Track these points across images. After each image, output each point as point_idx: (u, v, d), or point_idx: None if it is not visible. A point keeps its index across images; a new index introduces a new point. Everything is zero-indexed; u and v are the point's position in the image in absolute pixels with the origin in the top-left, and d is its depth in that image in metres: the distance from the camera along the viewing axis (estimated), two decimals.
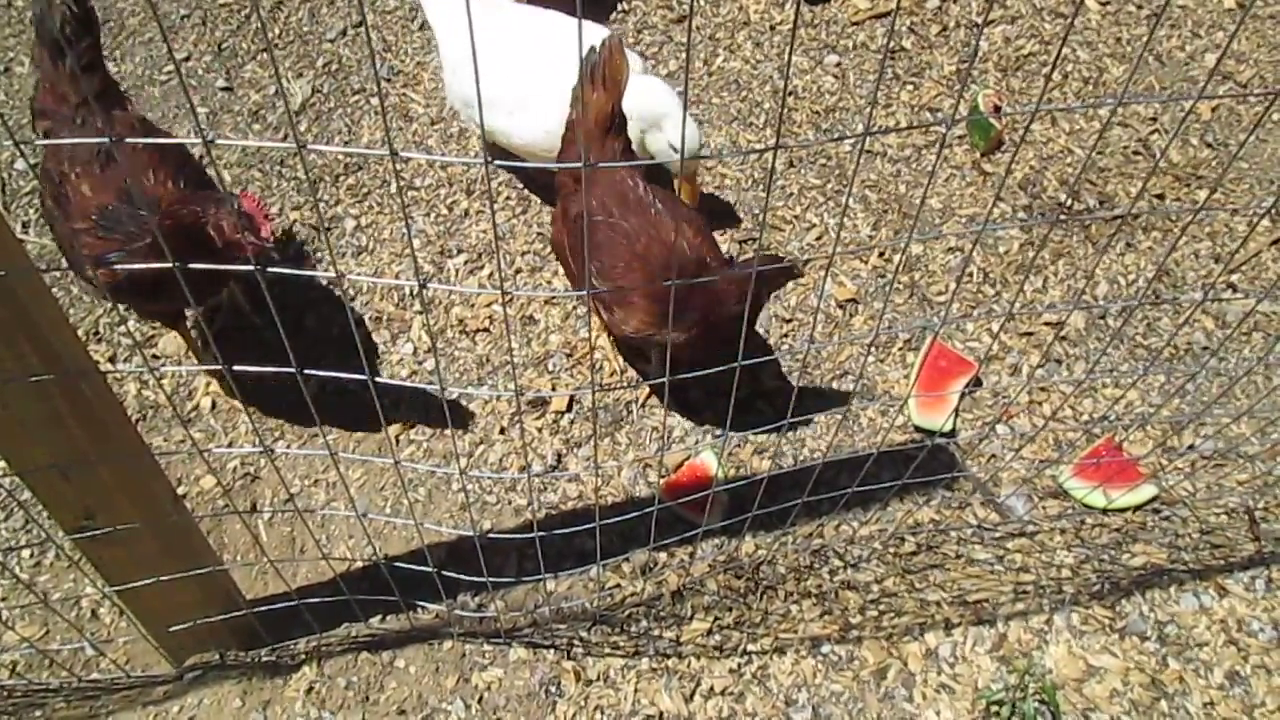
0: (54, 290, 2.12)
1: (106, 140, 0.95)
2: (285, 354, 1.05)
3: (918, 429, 2.04)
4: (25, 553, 1.91)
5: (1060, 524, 1.92)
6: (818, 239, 2.30)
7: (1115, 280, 2.24)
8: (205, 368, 1.66)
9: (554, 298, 2.19)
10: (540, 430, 2.02)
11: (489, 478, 1.95)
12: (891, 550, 1.90)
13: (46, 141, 1.45)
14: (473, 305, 2.18)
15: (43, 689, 1.77)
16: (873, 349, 2.14)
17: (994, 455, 2.01)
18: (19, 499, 1.71)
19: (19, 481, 1.37)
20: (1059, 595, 1.84)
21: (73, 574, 1.89)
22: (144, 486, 1.47)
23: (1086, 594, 1.84)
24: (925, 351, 2.10)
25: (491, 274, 2.23)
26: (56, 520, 1.45)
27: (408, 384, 1.06)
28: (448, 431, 2.02)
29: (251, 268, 1.01)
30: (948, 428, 2.01)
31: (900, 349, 2.15)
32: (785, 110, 2.54)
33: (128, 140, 1.72)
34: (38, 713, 1.74)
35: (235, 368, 1.05)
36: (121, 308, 1.88)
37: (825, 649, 1.79)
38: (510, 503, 1.94)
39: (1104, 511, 1.93)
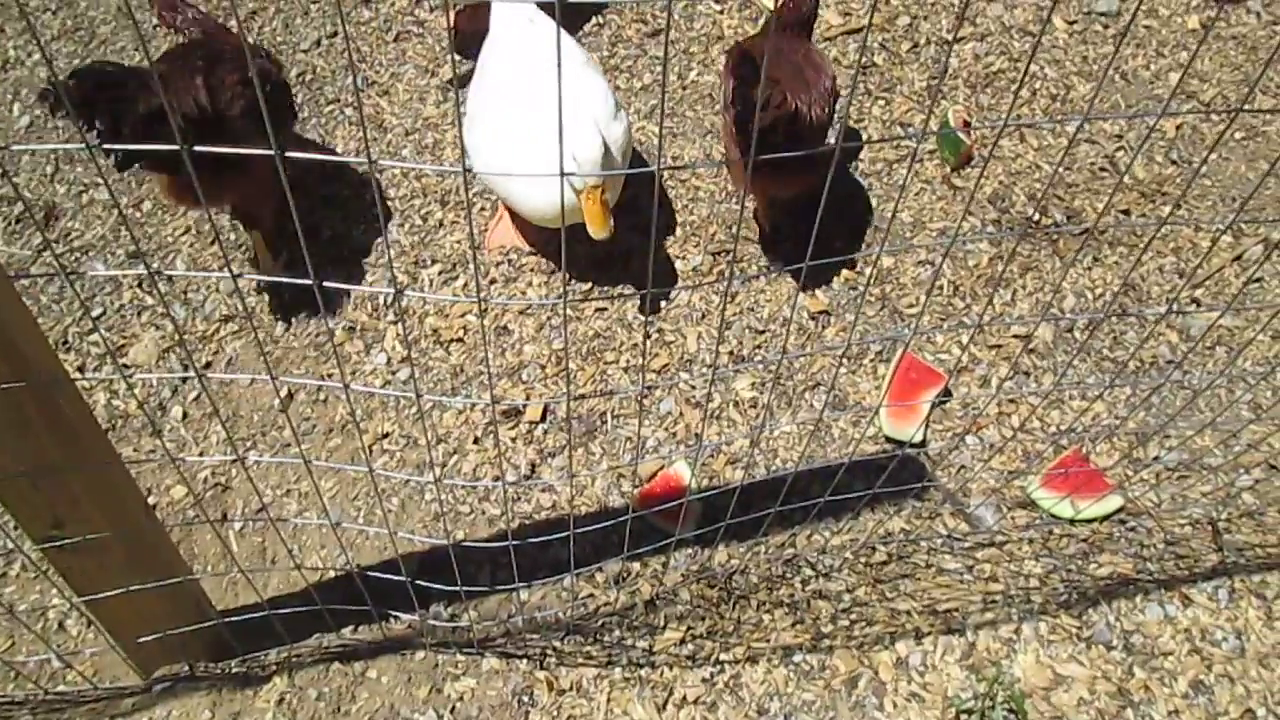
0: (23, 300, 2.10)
1: None
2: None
3: (889, 439, 2.06)
4: None
5: (1029, 534, 1.95)
6: (793, 249, 2.32)
7: (1082, 294, 2.28)
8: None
9: (529, 308, 2.19)
10: (514, 440, 2.02)
11: (464, 485, 1.95)
12: (863, 560, 1.91)
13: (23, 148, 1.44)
14: (447, 315, 2.18)
15: (8, 702, 1.75)
16: (844, 360, 2.16)
17: (963, 466, 2.03)
18: None
19: None
20: (1027, 605, 1.86)
21: (39, 585, 1.87)
22: (114, 496, 1.46)
23: (1054, 603, 1.87)
24: (896, 363, 2.12)
25: (466, 284, 2.23)
26: (25, 530, 1.43)
27: (384, 391, 1.06)
28: (421, 441, 2.02)
29: (228, 274, 1.01)
30: (918, 438, 2.04)
31: (871, 360, 2.18)
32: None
33: None
34: None
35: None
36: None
37: (797, 658, 1.80)
38: (484, 512, 1.94)
39: (1071, 522, 1.96)
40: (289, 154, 0.90)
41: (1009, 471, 2.02)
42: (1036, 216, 2.40)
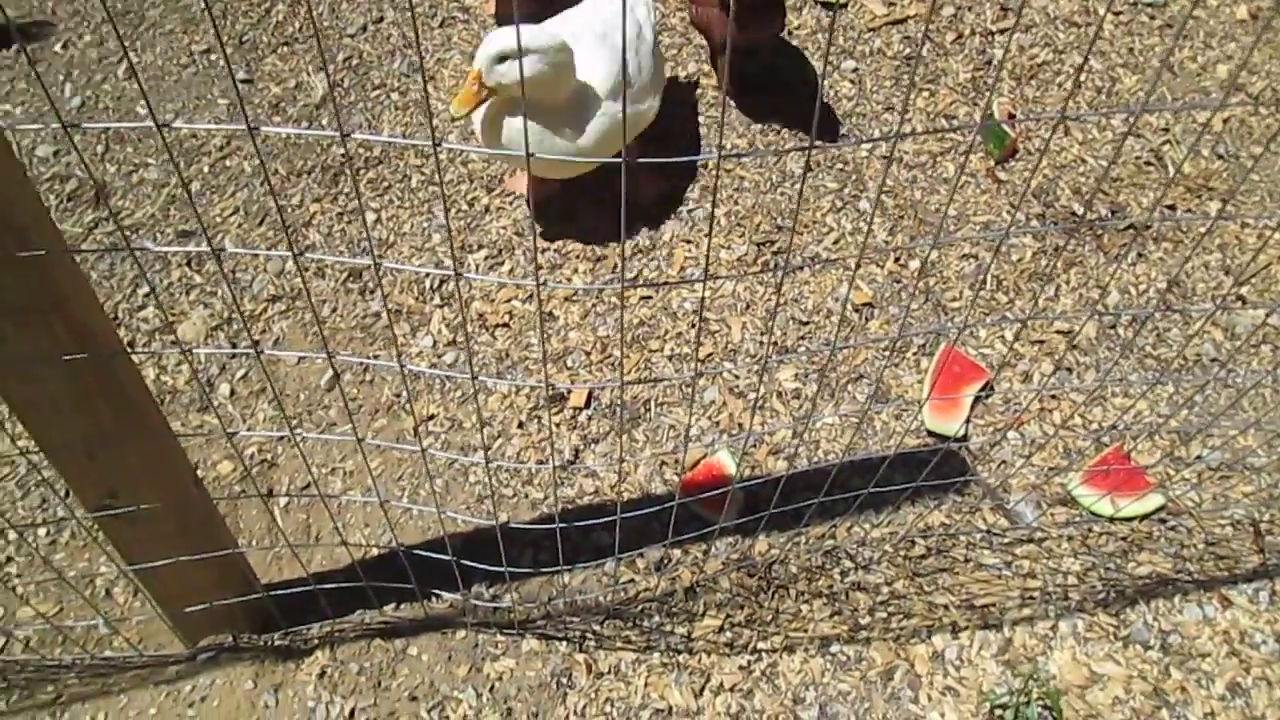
0: None
1: None
2: None
3: (930, 433, 2.06)
4: (41, 531, 1.92)
5: (1068, 531, 1.94)
6: (835, 243, 2.32)
7: (1126, 290, 2.26)
8: None
9: (575, 294, 2.21)
10: (558, 426, 2.04)
11: (513, 467, 1.97)
12: (902, 553, 1.91)
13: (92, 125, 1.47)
14: (492, 300, 2.20)
15: (56, 665, 1.79)
16: (887, 353, 2.15)
17: (1004, 461, 2.03)
18: (44, 475, 1.73)
19: (31, 461, 1.38)
20: (1065, 602, 1.86)
21: (88, 553, 1.90)
22: (167, 468, 1.49)
23: (1092, 601, 1.86)
24: (939, 357, 2.12)
25: (512, 269, 2.25)
26: (79, 498, 1.46)
27: (438, 372, 1.08)
28: (465, 425, 2.04)
29: (289, 253, 1.02)
30: (960, 433, 2.03)
31: (914, 354, 2.17)
32: (804, 115, 2.57)
33: None
34: (50, 688, 1.76)
35: None
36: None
37: (834, 649, 1.80)
38: (527, 496, 1.96)
39: (1111, 520, 1.95)
40: (356, 135, 0.92)
41: (1049, 468, 2.01)
42: (1081, 211, 2.38)
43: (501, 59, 1.89)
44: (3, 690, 1.75)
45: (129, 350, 1.22)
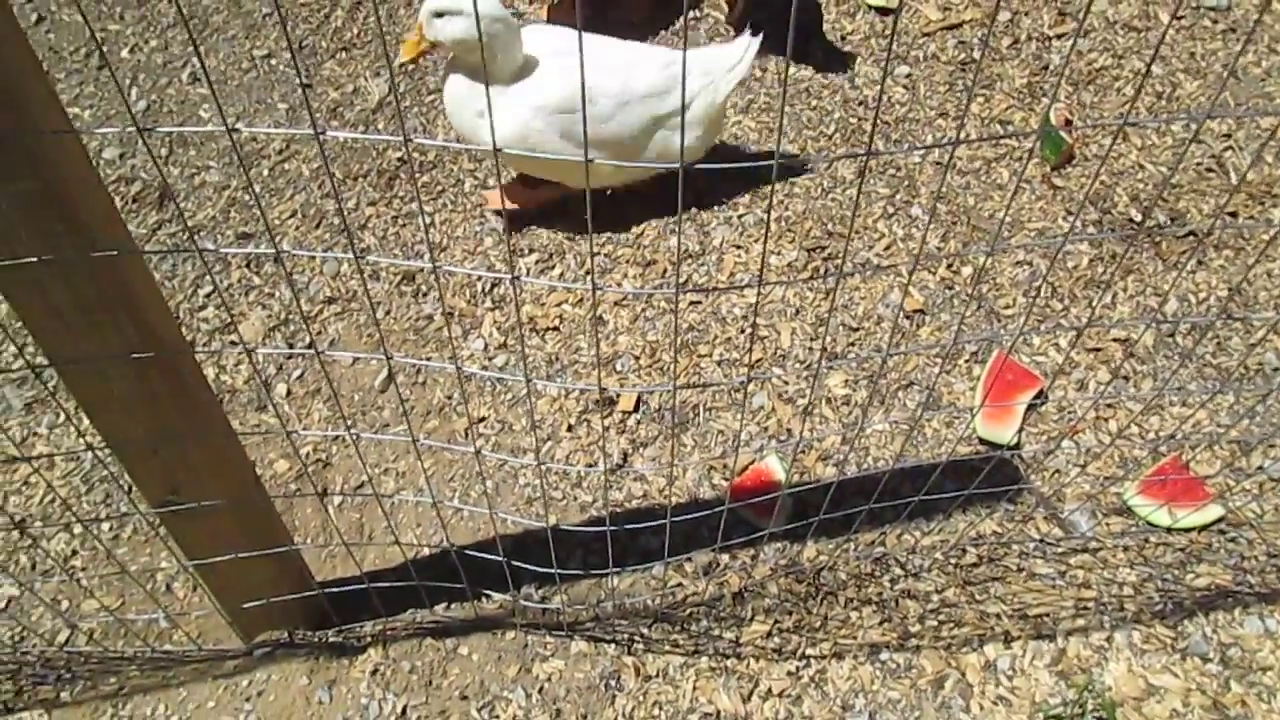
0: None
1: None
2: None
3: (982, 441, 2.04)
4: (105, 525, 1.97)
5: (1124, 541, 1.91)
6: (886, 248, 2.31)
7: (1185, 298, 2.22)
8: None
9: (624, 299, 2.22)
10: (607, 429, 2.05)
11: (563, 469, 1.98)
12: (953, 561, 1.90)
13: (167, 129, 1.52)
14: (543, 304, 2.22)
15: (118, 657, 1.83)
16: (939, 360, 2.14)
17: (1058, 470, 2.00)
18: (109, 470, 1.77)
19: (97, 456, 1.42)
20: (1120, 613, 1.83)
21: (149, 548, 1.95)
22: (228, 465, 1.52)
23: (1148, 613, 1.83)
24: (992, 364, 2.10)
25: (562, 274, 2.26)
26: (143, 494, 1.50)
27: (492, 374, 1.09)
28: (516, 427, 2.06)
29: (348, 255, 1.04)
30: (1013, 441, 2.01)
31: (966, 361, 2.16)
32: (856, 120, 2.56)
33: None
34: (113, 680, 1.80)
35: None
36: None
37: (884, 656, 1.79)
38: (576, 499, 1.97)
39: (1168, 530, 1.92)
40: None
41: (1105, 477, 1.99)
42: (1140, 218, 2.35)
43: (439, 14, 2.01)
44: (68, 681, 1.80)
45: (199, 350, 1.25)
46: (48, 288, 1.18)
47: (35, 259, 1.12)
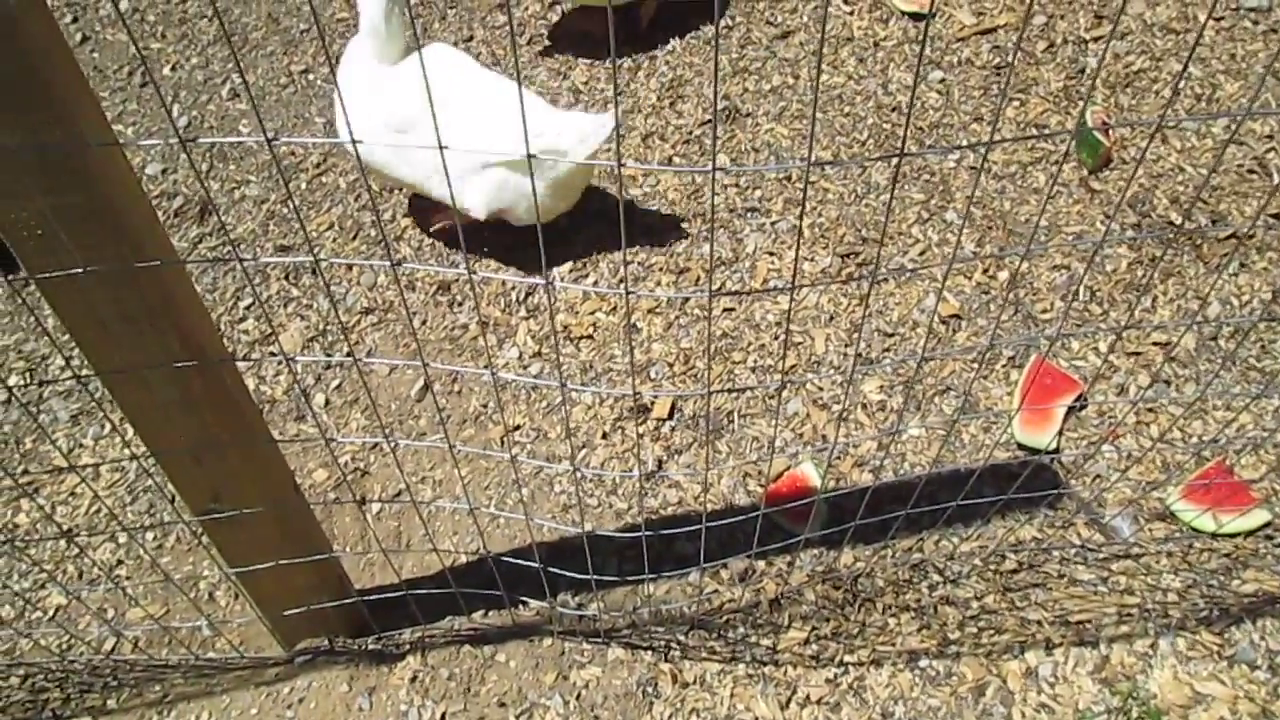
0: None
1: None
2: None
3: (1020, 446, 2.02)
4: (149, 535, 2.00)
5: (1167, 547, 1.89)
6: (921, 254, 2.30)
7: (1228, 301, 2.19)
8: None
9: (658, 306, 2.22)
10: (641, 436, 2.05)
11: (599, 475, 1.99)
12: (992, 567, 1.88)
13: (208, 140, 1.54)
14: (577, 312, 2.23)
15: (162, 665, 1.86)
16: (976, 365, 2.12)
17: (1099, 475, 1.98)
18: (154, 480, 1.80)
19: (142, 466, 1.44)
20: (1165, 619, 1.80)
21: (192, 556, 1.98)
22: (269, 474, 1.54)
23: (1194, 619, 1.80)
24: (1030, 369, 2.08)
25: (595, 282, 2.28)
26: (186, 502, 1.52)
27: (528, 379, 1.10)
28: (550, 435, 2.07)
29: (387, 263, 1.06)
30: (1052, 446, 1.99)
31: (1004, 366, 2.14)
32: (890, 126, 2.55)
33: None
34: (157, 687, 1.82)
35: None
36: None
37: (923, 663, 1.78)
38: (611, 505, 1.97)
39: (1213, 536, 1.89)
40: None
41: (1147, 482, 1.96)
42: (1180, 220, 2.32)
43: None
44: (114, 689, 1.83)
45: (241, 360, 1.28)
46: (94, 299, 1.21)
47: (81, 270, 1.14)
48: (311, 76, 2.75)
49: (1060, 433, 2.02)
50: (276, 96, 2.72)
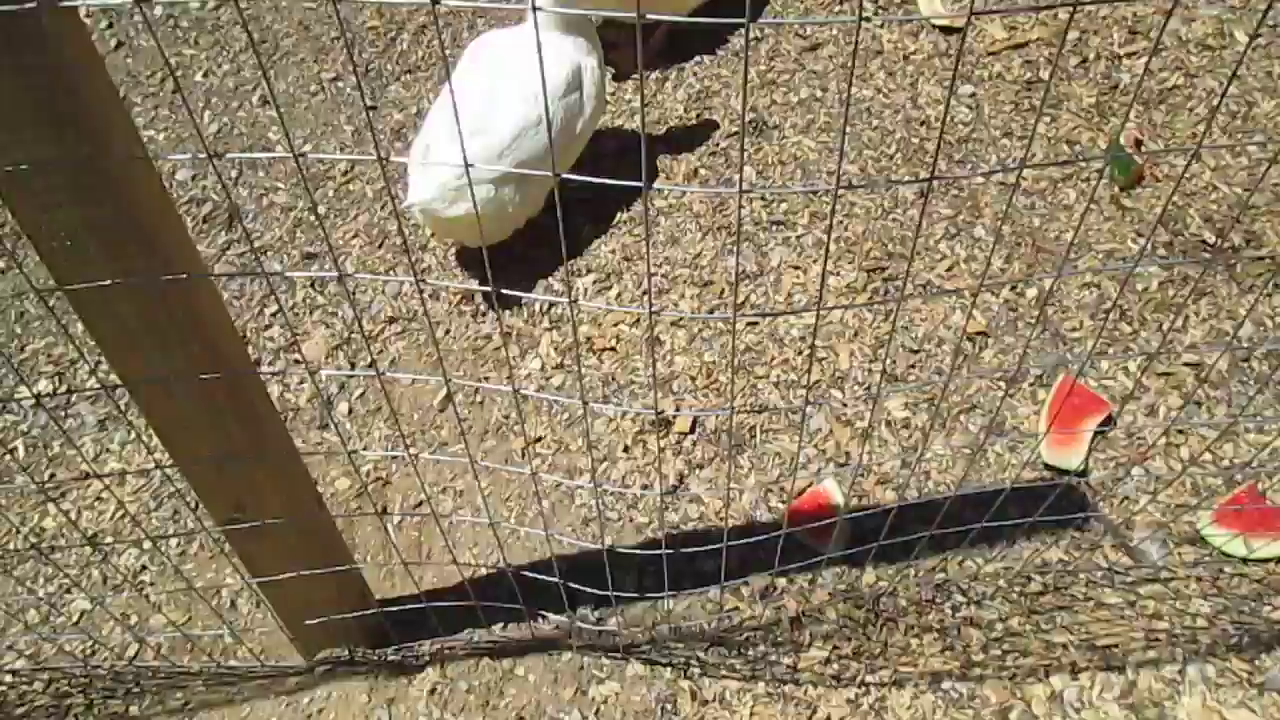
0: None
1: None
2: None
3: (1047, 467, 2.00)
4: (173, 542, 2.01)
5: (1197, 572, 1.86)
6: (948, 270, 2.28)
7: (1262, 322, 2.16)
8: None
9: (680, 320, 2.22)
10: (663, 450, 2.04)
11: (621, 492, 1.98)
12: (1017, 589, 1.86)
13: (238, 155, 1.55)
14: (600, 324, 2.23)
15: (184, 672, 1.86)
16: (1002, 383, 2.10)
17: (1128, 498, 1.95)
18: (176, 488, 1.81)
19: (165, 474, 1.45)
20: (1193, 645, 1.78)
21: (214, 564, 1.98)
22: (291, 484, 1.54)
23: (1223, 646, 1.77)
24: (1058, 388, 2.06)
25: (619, 294, 2.27)
26: (209, 511, 1.53)
27: (549, 396, 1.10)
28: (572, 447, 2.06)
29: (410, 279, 1.06)
30: (1079, 467, 1.97)
31: (1031, 385, 2.11)
32: (918, 140, 2.54)
33: None
34: (179, 694, 1.83)
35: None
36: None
37: (946, 685, 1.76)
38: (631, 520, 1.97)
39: (1244, 561, 1.86)
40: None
41: (1177, 505, 1.93)
42: (1214, 240, 2.29)
43: None
44: (136, 695, 1.83)
45: (258, 369, 1.28)
46: (120, 309, 1.21)
47: (108, 282, 1.15)
48: (341, 84, 2.77)
49: (1089, 454, 1.99)
50: (306, 104, 2.73)
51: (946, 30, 2.78)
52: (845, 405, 2.08)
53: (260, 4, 2.98)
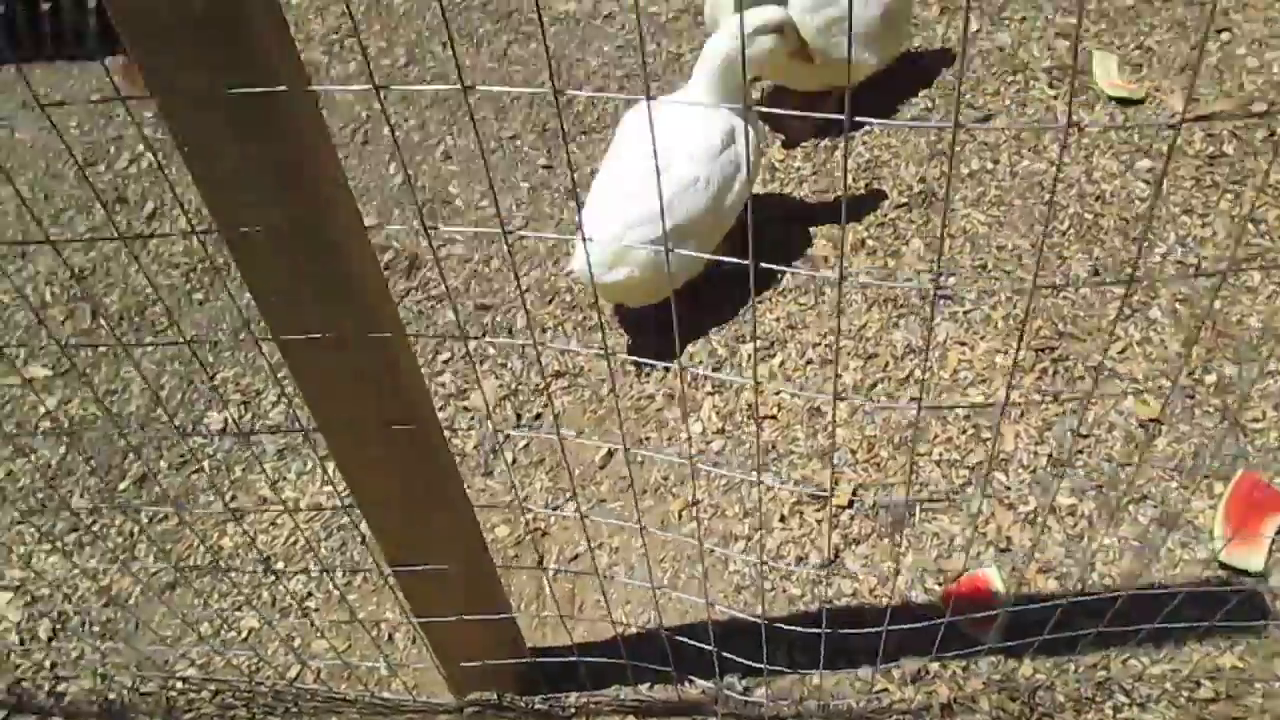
0: None
1: None
2: None
3: (1223, 565, 1.90)
4: (339, 573, 2.11)
5: None
6: (1121, 352, 2.21)
7: None
8: None
9: (844, 390, 2.21)
10: (819, 523, 2.04)
11: (785, 569, 1.98)
12: (1185, 694, 1.77)
13: (446, 229, 1.63)
14: (762, 391, 2.24)
15: (341, 698, 1.95)
16: (1177, 474, 2.02)
17: None
18: (351, 519, 1.91)
19: (350, 517, 1.53)
20: None
21: (376, 598, 2.07)
22: (461, 531, 1.60)
23: None
24: (1236, 483, 1.96)
25: (782, 362, 2.28)
26: (380, 549, 1.60)
27: (721, 471, 1.12)
28: (729, 513, 2.08)
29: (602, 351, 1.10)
30: (1260, 569, 1.87)
31: (1206, 477, 2.02)
32: (1092, 216, 2.48)
33: None
34: (334, 719, 1.91)
35: None
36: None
37: None
38: (784, 590, 1.96)
39: None
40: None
41: None
42: None
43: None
44: (294, 715, 1.93)
45: (446, 428, 1.34)
46: (325, 360, 1.30)
47: (320, 335, 1.24)
48: (519, 142, 2.89)
49: (1271, 555, 1.89)
50: (488, 160, 2.86)
51: (1123, 102, 2.71)
52: (1009, 488, 2.04)
53: (448, 65, 3.14)
